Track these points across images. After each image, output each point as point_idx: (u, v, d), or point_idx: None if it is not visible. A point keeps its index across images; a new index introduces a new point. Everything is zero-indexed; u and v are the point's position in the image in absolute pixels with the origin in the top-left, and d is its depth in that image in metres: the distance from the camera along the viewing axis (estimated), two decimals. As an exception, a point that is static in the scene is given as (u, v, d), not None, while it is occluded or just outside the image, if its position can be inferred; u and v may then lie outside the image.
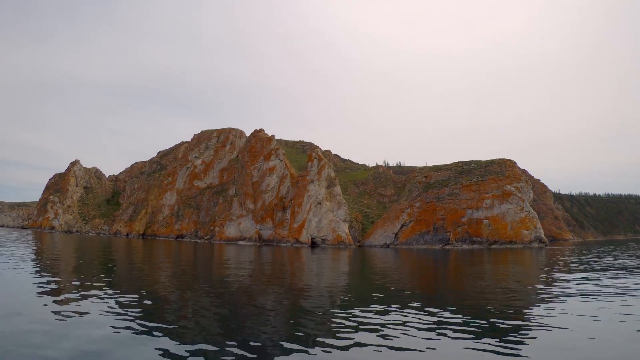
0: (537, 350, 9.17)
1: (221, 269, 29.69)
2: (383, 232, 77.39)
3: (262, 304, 14.98)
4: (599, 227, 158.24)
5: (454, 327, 11.18)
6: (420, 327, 11.08)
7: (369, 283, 23.03)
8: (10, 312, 11.71)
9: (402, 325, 11.35)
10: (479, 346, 9.39)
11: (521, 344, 9.62)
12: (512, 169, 75.39)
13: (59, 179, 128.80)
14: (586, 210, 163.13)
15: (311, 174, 77.86)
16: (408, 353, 8.95)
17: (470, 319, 12.28)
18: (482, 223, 70.92)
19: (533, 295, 17.46)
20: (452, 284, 23.00)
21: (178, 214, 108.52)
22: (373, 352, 8.95)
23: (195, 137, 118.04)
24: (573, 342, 9.84)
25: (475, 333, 10.55)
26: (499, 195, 71.79)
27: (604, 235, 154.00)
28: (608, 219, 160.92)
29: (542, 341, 9.89)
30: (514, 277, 25.44)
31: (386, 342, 9.70)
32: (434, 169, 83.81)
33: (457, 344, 9.56)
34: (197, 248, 59.70)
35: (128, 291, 16.65)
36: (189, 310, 13.51)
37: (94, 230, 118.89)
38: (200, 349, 9.00)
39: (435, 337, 10.15)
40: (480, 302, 15.88)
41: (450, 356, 8.85)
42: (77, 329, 10.16)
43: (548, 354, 8.87)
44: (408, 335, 10.31)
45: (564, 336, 10.36)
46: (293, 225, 76.56)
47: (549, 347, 9.36)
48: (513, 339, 10.02)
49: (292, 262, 37.26)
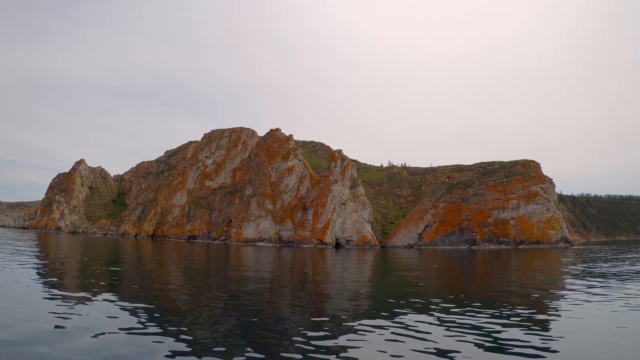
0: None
1: (255, 272, 27.75)
2: (407, 232, 76.90)
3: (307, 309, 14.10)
4: (601, 228, 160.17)
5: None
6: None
7: (422, 287, 22.15)
8: (25, 319, 10.87)
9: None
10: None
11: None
12: (536, 169, 75.60)
13: (63, 178, 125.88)
14: (588, 211, 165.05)
15: (334, 174, 77.03)
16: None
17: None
18: (509, 223, 70.87)
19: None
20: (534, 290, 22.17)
21: (189, 214, 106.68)
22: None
23: (206, 136, 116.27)
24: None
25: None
26: (525, 196, 71.85)
27: (606, 236, 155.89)
28: (610, 220, 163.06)
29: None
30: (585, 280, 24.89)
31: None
32: (456, 170, 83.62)
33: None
34: (216, 249, 57.77)
35: (154, 295, 16.19)
36: (221, 315, 12.54)
37: (101, 231, 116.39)
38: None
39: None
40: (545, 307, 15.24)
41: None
42: (92, 334, 9.57)
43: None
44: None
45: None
46: (316, 226, 75.60)
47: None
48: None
49: (329, 264, 36.39)
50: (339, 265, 35.77)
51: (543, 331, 10.68)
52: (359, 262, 39.44)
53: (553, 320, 12.35)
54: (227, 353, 8.65)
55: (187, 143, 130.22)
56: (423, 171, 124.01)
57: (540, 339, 9.80)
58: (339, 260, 40.64)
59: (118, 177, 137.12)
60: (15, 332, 9.54)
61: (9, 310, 11.79)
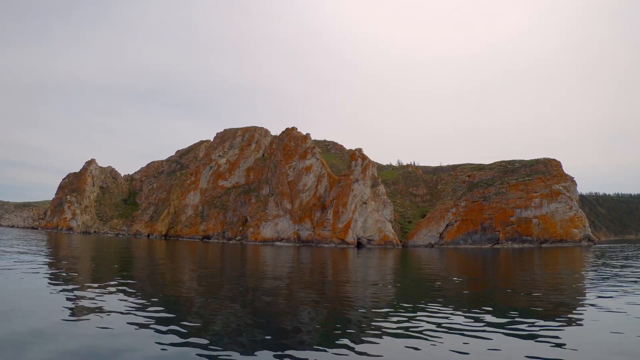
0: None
1: (289, 270, 27.09)
2: (427, 231, 76.59)
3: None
4: (610, 227, 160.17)
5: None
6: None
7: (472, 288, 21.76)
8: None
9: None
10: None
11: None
12: (557, 168, 75.37)
13: (73, 178, 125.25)
14: (597, 210, 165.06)
15: (355, 173, 76.69)
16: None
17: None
18: (532, 222, 70.64)
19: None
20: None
21: (203, 214, 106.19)
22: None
23: (218, 135, 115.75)
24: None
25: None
26: (548, 195, 71.62)
27: (615, 235, 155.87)
28: (619, 218, 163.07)
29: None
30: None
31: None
32: (476, 168, 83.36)
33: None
34: (234, 249, 56.68)
35: (175, 292, 16.12)
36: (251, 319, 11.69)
37: (113, 231, 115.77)
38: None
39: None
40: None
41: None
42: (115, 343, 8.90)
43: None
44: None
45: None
46: (337, 225, 75.22)
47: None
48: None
49: (360, 263, 35.96)
50: (370, 263, 35.35)
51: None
52: (384, 261, 38.88)
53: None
54: (245, 349, 8.50)
55: (198, 142, 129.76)
56: (432, 170, 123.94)
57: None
58: (364, 259, 40.12)
59: (128, 176, 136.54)
60: (29, 325, 9.44)
61: (35, 306, 11.65)
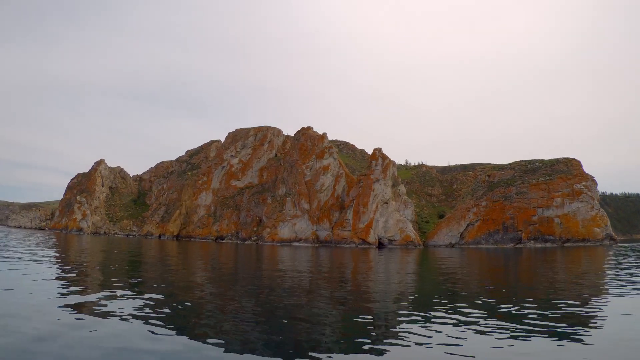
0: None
1: (320, 272, 26.84)
2: (448, 231, 76.30)
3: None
4: (618, 226, 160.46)
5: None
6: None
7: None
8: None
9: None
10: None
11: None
12: (578, 167, 75.29)
13: (83, 179, 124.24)
14: (605, 209, 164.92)
15: (375, 172, 76.28)
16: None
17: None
18: (554, 221, 70.47)
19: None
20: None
21: (215, 214, 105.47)
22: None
23: (230, 135, 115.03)
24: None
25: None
26: (569, 194, 71.49)
27: (623, 235, 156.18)
28: (627, 218, 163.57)
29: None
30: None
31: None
32: (495, 168, 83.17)
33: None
34: (253, 250, 55.38)
35: (196, 291, 15.99)
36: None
37: (123, 231, 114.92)
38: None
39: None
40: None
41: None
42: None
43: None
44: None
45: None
46: (357, 225, 74.77)
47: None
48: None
49: (389, 263, 35.54)
50: (397, 268, 34.92)
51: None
52: (409, 264, 37.97)
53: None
54: (262, 349, 8.39)
55: (208, 142, 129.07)
56: (441, 170, 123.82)
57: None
58: (394, 263, 39.58)
59: (137, 177, 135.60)
60: (35, 327, 9.29)
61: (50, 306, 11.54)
